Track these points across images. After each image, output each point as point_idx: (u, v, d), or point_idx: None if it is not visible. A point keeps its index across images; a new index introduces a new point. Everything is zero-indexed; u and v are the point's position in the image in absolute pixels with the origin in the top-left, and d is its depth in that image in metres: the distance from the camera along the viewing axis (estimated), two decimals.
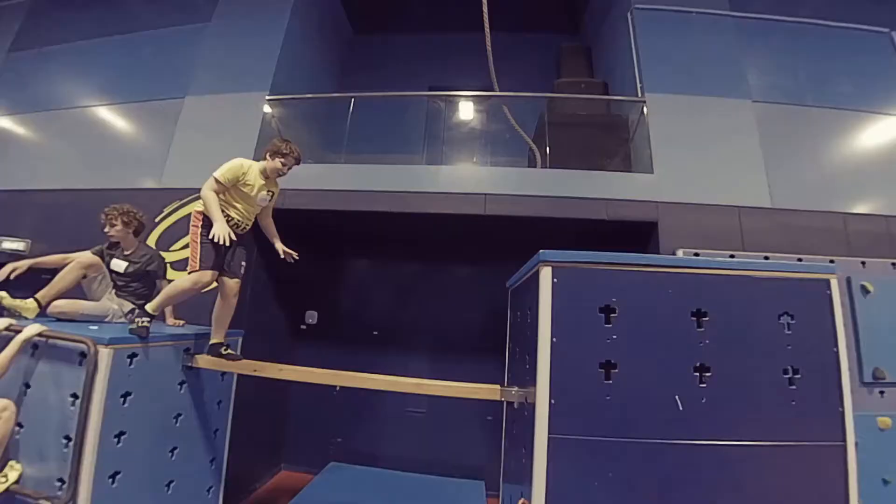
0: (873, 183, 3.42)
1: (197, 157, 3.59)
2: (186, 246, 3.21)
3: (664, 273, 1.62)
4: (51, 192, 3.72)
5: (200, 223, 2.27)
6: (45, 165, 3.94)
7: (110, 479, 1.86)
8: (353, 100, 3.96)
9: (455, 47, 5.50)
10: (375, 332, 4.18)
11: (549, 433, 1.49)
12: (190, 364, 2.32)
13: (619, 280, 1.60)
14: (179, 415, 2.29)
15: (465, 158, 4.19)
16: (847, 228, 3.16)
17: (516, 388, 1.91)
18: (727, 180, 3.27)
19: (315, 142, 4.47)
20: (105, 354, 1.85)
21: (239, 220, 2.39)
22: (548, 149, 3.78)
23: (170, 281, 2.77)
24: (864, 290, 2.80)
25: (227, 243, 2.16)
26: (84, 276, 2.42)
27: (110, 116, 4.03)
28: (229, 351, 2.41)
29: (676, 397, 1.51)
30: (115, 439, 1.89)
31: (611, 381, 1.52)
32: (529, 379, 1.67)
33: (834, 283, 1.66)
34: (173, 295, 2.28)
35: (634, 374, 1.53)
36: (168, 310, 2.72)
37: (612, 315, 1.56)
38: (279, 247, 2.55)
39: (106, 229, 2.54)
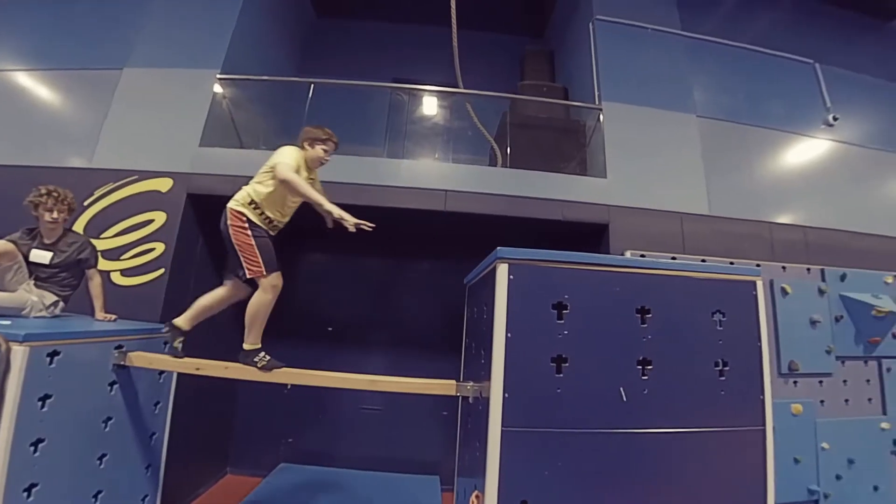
0: (794, 196, 3.81)
1: (135, 135, 3.28)
2: (122, 233, 2.97)
3: (613, 272, 1.70)
4: None
5: (245, 222, 2.05)
6: None
7: (25, 493, 1.66)
8: (312, 85, 3.79)
9: (420, 40, 5.45)
10: (330, 328, 4.07)
11: (503, 426, 1.52)
12: (122, 363, 2.13)
13: (571, 278, 1.66)
14: (110, 418, 2.09)
15: (427, 154, 4.16)
16: (772, 236, 3.49)
17: (471, 383, 1.93)
18: (672, 188, 3.50)
19: (270, 127, 4.25)
20: (19, 353, 1.65)
21: (278, 221, 2.21)
22: (508, 149, 3.86)
23: (101, 271, 2.54)
24: (784, 292, 3.12)
25: (353, 227, 1.99)
26: None
27: (33, 83, 3.57)
28: (179, 344, 2.20)
29: (621, 389, 1.60)
30: (32, 448, 1.69)
31: (561, 375, 1.58)
32: (484, 374, 1.70)
33: (759, 284, 1.83)
34: (259, 314, 2.09)
35: (583, 368, 1.60)
36: (98, 304, 2.48)
37: (564, 311, 1.62)
38: (352, 223, 2.04)
39: (53, 215, 2.25)
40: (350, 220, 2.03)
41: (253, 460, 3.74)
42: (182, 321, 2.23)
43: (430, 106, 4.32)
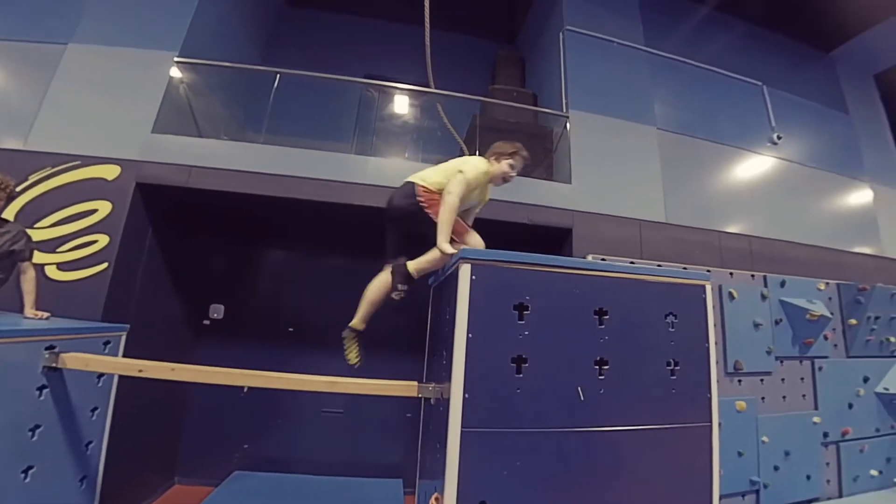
0: (741, 208, 4.08)
1: (79, 117, 3.03)
2: (60, 223, 2.72)
3: (574, 275, 1.74)
4: None
5: (437, 195, 2.02)
6: None
7: None
8: (278, 75, 3.66)
9: (393, 37, 5.40)
10: (291, 329, 3.92)
11: (463, 427, 1.51)
12: (53, 365, 1.94)
13: (533, 279, 1.68)
14: (38, 427, 1.90)
15: (396, 152, 4.13)
16: (721, 244, 3.72)
17: (433, 385, 1.91)
18: (632, 196, 3.65)
19: (232, 117, 4.06)
20: None
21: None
22: (477, 151, 3.88)
23: (36, 265, 2.31)
24: (731, 296, 3.31)
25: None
26: None
27: None
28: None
29: (579, 389, 1.63)
30: None
31: (521, 375, 1.59)
32: (446, 374, 1.68)
33: (708, 288, 1.93)
34: (436, 260, 1.99)
35: (543, 368, 1.61)
36: (29, 300, 2.26)
37: (526, 312, 1.64)
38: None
39: None
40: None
41: (204, 468, 3.53)
42: (357, 322, 2.18)
43: (401, 104, 4.29)
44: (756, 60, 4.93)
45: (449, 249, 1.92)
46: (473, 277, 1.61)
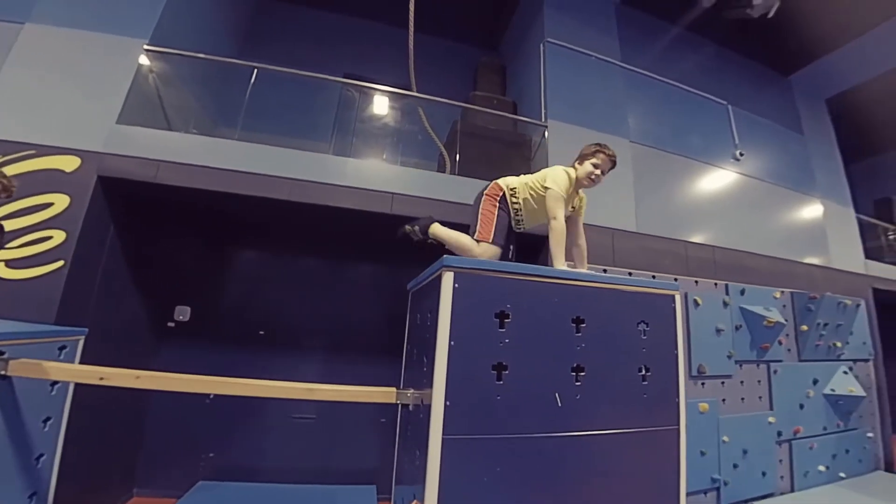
0: (706, 219, 4.30)
1: (35, 104, 2.81)
2: (6, 217, 2.52)
3: (553, 283, 1.78)
4: None
5: (500, 198, 2.16)
6: None
7: None
8: (255, 70, 3.54)
9: (376, 38, 5.35)
10: (262, 332, 3.79)
11: (444, 434, 1.51)
12: (2, 372, 1.79)
13: (514, 288, 1.70)
14: None
15: (375, 154, 4.08)
16: (687, 253, 3.90)
17: (412, 391, 1.90)
18: (606, 206, 3.76)
19: (204, 110, 3.90)
20: None
21: (521, 224, 2.26)
22: (457, 156, 3.90)
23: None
24: (696, 303, 3.48)
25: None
26: None
27: None
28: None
29: (556, 395, 1.67)
30: None
31: (501, 382, 1.61)
32: (426, 381, 1.68)
33: (678, 297, 2.02)
34: (457, 245, 2.11)
35: (522, 375, 1.64)
36: None
37: (506, 320, 1.66)
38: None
39: None
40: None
41: (165, 479, 3.34)
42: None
43: (381, 106, 4.25)
44: (722, 80, 5.22)
45: (562, 265, 1.98)
46: (456, 285, 1.62)
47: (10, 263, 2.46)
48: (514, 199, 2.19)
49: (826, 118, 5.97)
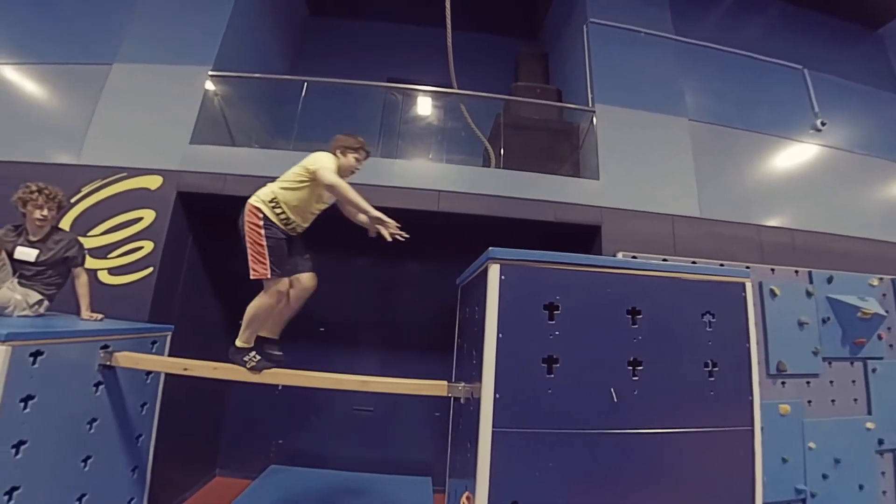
0: (782, 200, 3.87)
1: (124, 131, 3.23)
2: (110, 231, 2.92)
3: (604, 273, 1.71)
4: None
5: (262, 221, 1.95)
6: None
7: (6, 497, 1.62)
8: (305, 83, 3.77)
9: (415, 40, 5.44)
10: (322, 329, 4.03)
11: (494, 427, 1.52)
12: (108, 363, 2.09)
13: (562, 279, 1.66)
14: (94, 420, 2.05)
15: (421, 154, 4.16)
16: (760, 238, 3.54)
17: (463, 384, 1.92)
18: (664, 190, 3.53)
19: (263, 126, 4.21)
20: (1, 352, 1.61)
21: (298, 225, 2.15)
22: (502, 150, 3.86)
23: (88, 270, 2.49)
24: (773, 294, 3.15)
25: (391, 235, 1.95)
26: None
27: (18, 78, 3.49)
28: (279, 353, 2.15)
29: (612, 390, 1.60)
30: (14, 450, 1.65)
31: (552, 376, 1.58)
32: (476, 374, 1.70)
33: (748, 286, 1.85)
34: (258, 317, 2.00)
35: (574, 369, 1.60)
36: (84, 303, 2.43)
37: (556, 312, 1.63)
38: (391, 229, 2.03)
39: (43, 213, 2.21)
40: (392, 225, 2.00)
41: (242, 462, 3.70)
42: (266, 333, 2.19)
43: (424, 106, 4.32)
44: (795, 43, 4.65)
45: (379, 214, 1.94)
46: (503, 277, 1.61)
47: (111, 271, 2.85)
48: (279, 210, 2.03)
49: None
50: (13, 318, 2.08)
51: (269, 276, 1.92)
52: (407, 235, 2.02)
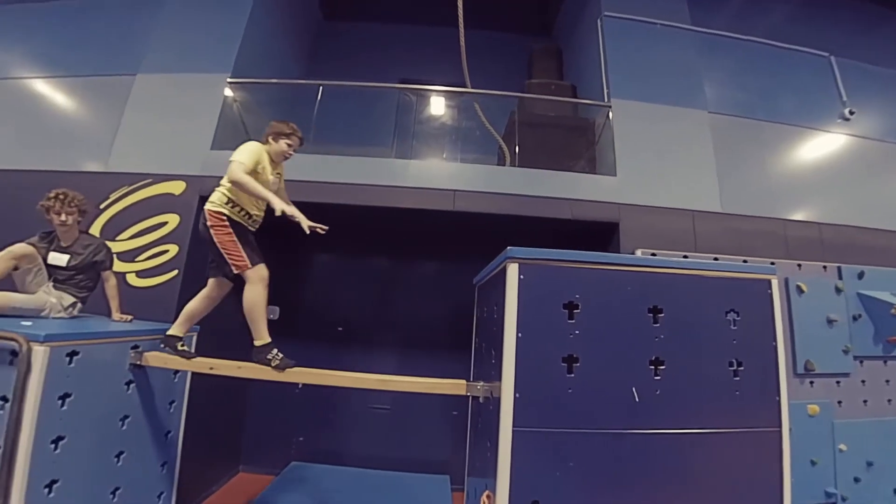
0: (809, 193, 3.73)
1: (149, 139, 3.35)
2: (137, 235, 3.02)
3: (624, 272, 1.69)
4: None
5: (225, 221, 2.09)
6: None
7: (46, 489, 1.71)
8: (320, 88, 3.82)
9: (427, 41, 5.45)
10: (340, 328, 4.10)
11: (514, 426, 1.52)
12: (138, 363, 2.17)
13: (582, 277, 1.65)
14: (126, 417, 2.14)
15: (435, 154, 4.17)
16: (786, 233, 3.43)
17: (482, 383, 1.93)
18: (683, 185, 3.45)
19: None
20: (40, 353, 1.69)
21: (256, 215, 2.24)
22: (517, 147, 3.84)
23: (116, 273, 2.59)
24: (800, 290, 3.05)
25: (308, 226, 2.05)
26: (16, 268, 2.20)
27: (49, 90, 3.66)
28: (184, 348, 2.27)
29: (633, 389, 1.58)
30: (52, 445, 1.73)
31: (573, 375, 1.57)
32: (495, 374, 1.70)
33: (774, 283, 1.80)
34: (257, 308, 2.10)
35: (595, 368, 1.59)
36: (114, 305, 2.53)
37: (575, 311, 1.61)
38: (306, 224, 2.13)
39: (62, 218, 2.30)
40: (304, 222, 2.10)
41: (265, 458, 3.79)
42: (175, 330, 2.27)
43: (437, 106, 4.33)
44: (820, 29, 4.47)
45: (283, 207, 2.01)
46: (521, 277, 1.61)
47: (139, 274, 2.96)
48: (238, 209, 2.14)
49: None
50: (49, 321, 2.18)
51: (249, 265, 2.06)
52: (326, 228, 2.14)
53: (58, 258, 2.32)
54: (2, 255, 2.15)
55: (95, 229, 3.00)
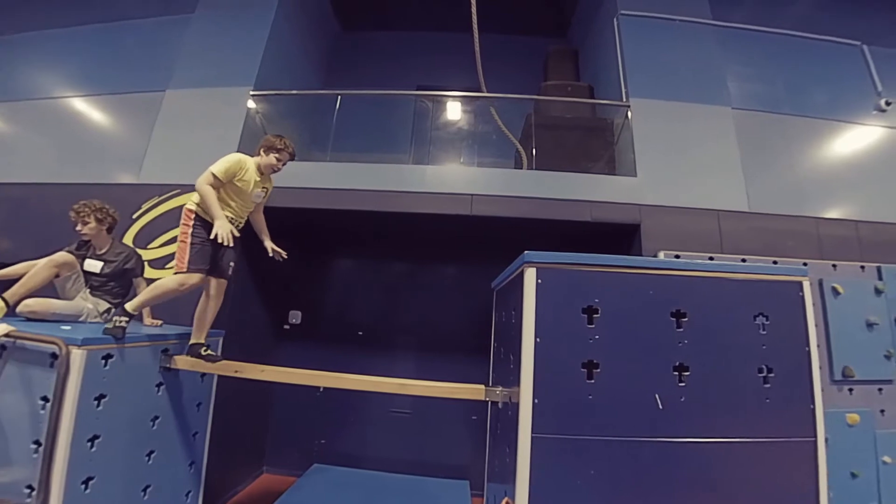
0: (843, 189, 3.56)
1: (178, 151, 3.50)
2: (167, 243, 3.15)
3: (645, 275, 1.65)
4: (19, 185, 3.56)
5: (192, 221, 2.19)
6: (13, 158, 3.78)
7: (83, 485, 1.80)
8: (339, 97, 3.92)
9: (443, 46, 5.50)
10: (360, 333, 4.15)
11: (533, 432, 1.50)
12: (168, 365, 2.26)
13: (601, 281, 1.62)
14: (157, 417, 2.22)
15: (452, 158, 4.19)
16: (819, 232, 3.27)
17: (500, 388, 1.92)
18: (707, 185, 3.35)
19: (300, 139, 4.39)
20: (78, 356, 1.78)
21: (233, 219, 2.32)
22: (534, 150, 3.82)
23: (147, 280, 2.70)
24: (835, 292, 2.91)
25: (230, 243, 2.10)
26: (57, 275, 2.33)
27: (86, 108, 3.89)
28: (209, 352, 2.34)
29: (657, 396, 1.54)
30: (89, 444, 1.82)
31: (593, 381, 1.54)
32: (513, 379, 1.69)
33: (806, 285, 1.72)
34: (157, 295, 2.18)
35: (616, 374, 1.55)
36: (146, 310, 2.64)
37: (595, 316, 1.59)
38: (269, 245, 2.47)
39: (78, 227, 2.43)
40: (268, 244, 2.46)
41: (288, 460, 3.87)
42: (195, 338, 2.36)
43: (454, 111, 4.36)
44: (851, 16, 4.26)
45: (223, 232, 2.09)
46: (539, 281, 1.60)
47: None
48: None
49: None
50: (86, 325, 2.30)
51: (185, 269, 2.15)
52: (285, 255, 2.45)
53: (92, 265, 2.45)
54: (44, 262, 2.28)
55: (129, 238, 3.15)
